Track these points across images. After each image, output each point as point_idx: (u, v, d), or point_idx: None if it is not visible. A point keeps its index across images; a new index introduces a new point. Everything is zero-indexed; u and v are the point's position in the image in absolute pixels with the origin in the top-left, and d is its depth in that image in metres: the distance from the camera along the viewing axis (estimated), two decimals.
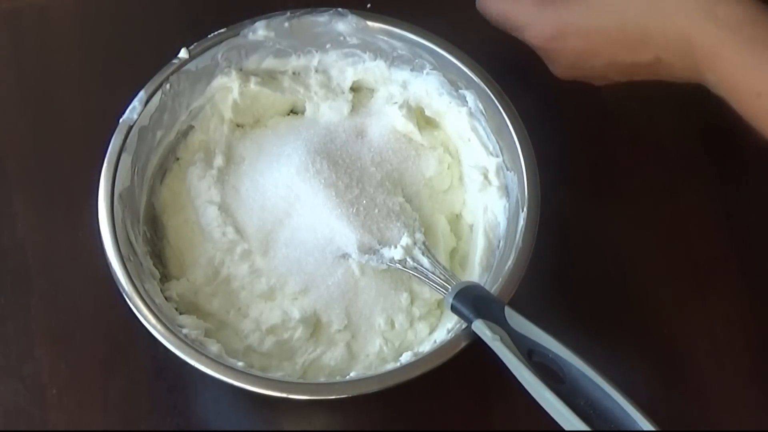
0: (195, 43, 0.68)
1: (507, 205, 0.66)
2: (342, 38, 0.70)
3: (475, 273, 0.65)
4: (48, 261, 0.70)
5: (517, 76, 0.68)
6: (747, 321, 0.70)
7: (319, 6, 0.69)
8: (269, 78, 0.71)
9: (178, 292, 0.64)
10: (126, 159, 0.64)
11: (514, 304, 0.57)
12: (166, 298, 0.63)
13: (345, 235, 0.64)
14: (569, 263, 0.68)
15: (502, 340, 0.55)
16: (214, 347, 0.60)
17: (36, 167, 0.74)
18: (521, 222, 0.62)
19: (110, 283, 0.60)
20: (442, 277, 0.61)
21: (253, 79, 0.70)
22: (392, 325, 0.65)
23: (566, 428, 0.51)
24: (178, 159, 0.70)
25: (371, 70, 0.71)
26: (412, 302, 0.65)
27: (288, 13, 0.69)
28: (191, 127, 0.70)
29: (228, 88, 0.70)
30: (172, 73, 0.67)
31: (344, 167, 0.67)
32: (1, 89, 0.77)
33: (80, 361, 0.67)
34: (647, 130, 0.75)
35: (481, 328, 0.56)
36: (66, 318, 0.68)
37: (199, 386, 0.66)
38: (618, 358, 0.57)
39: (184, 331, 0.60)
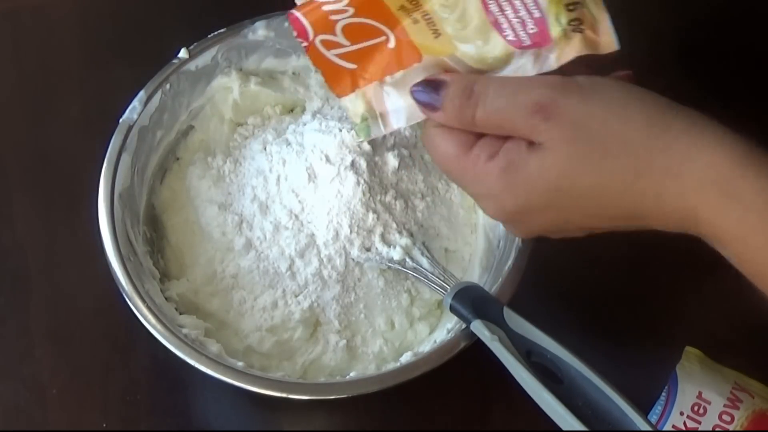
0: (195, 43, 0.68)
1: None
2: None
3: (474, 273, 0.65)
4: (48, 261, 0.71)
5: None
6: (747, 321, 0.70)
7: None
8: (269, 78, 0.71)
9: (178, 292, 0.64)
10: (126, 159, 0.64)
11: (513, 305, 0.57)
12: (166, 298, 0.63)
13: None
14: (568, 264, 0.68)
15: (500, 340, 0.54)
16: (214, 347, 0.60)
17: (36, 167, 0.74)
18: None
19: (110, 283, 0.60)
20: (441, 277, 0.61)
21: (253, 79, 0.70)
22: (392, 325, 0.65)
23: (564, 429, 0.51)
24: (178, 159, 0.70)
25: None
26: (412, 302, 0.65)
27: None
28: (191, 127, 0.70)
29: (228, 88, 0.70)
30: (172, 73, 0.67)
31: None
32: (1, 89, 0.77)
33: (80, 361, 0.67)
34: None
35: (479, 328, 0.55)
36: (66, 318, 0.69)
37: (199, 386, 0.66)
38: (616, 358, 0.57)
39: (184, 331, 0.60)
